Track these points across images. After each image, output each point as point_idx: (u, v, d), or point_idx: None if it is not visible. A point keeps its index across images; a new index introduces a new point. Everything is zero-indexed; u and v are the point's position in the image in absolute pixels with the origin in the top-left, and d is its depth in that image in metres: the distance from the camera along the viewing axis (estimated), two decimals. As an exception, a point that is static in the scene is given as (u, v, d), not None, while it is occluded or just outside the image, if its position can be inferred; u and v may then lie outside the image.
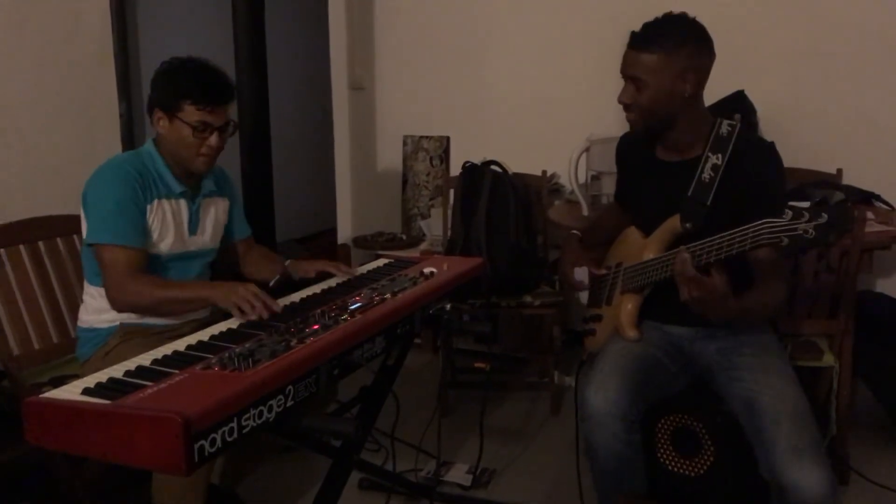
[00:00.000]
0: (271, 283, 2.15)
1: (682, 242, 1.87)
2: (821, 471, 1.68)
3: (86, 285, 2.17)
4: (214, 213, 2.25)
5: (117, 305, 2.01)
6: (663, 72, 1.88)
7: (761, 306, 1.92)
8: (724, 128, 1.96)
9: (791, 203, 1.61)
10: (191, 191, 2.16)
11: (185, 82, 2.01)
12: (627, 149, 2.23)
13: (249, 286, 1.83)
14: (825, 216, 1.54)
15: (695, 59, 1.89)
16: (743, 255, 1.72)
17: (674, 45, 1.87)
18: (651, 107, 1.92)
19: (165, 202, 2.10)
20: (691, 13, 1.93)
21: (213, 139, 2.05)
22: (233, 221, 2.34)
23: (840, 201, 2.65)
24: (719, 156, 1.93)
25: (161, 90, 2.04)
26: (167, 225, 2.10)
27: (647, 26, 1.91)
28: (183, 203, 2.14)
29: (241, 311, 1.76)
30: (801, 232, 1.57)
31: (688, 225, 1.93)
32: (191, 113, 2.00)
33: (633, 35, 1.92)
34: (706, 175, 1.93)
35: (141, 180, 2.04)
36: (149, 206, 2.05)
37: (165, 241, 2.11)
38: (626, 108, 1.98)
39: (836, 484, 1.71)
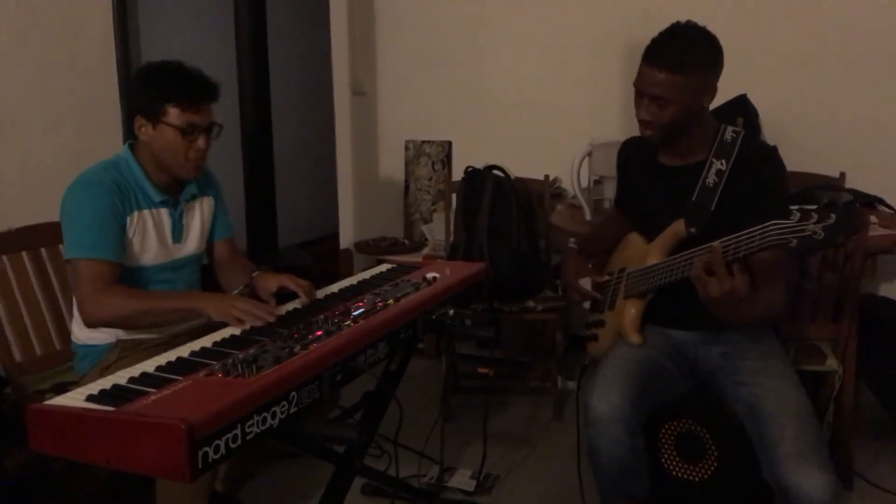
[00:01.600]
0: (235, 292, 2.05)
1: (686, 247, 1.87)
2: (824, 475, 1.67)
3: (74, 301, 2.12)
4: (200, 217, 2.20)
5: (91, 319, 1.92)
6: (688, 90, 1.85)
7: (764, 309, 1.92)
8: (729, 134, 1.96)
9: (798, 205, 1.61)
10: (171, 198, 2.10)
11: (167, 85, 1.95)
12: (630, 153, 2.23)
13: (246, 300, 1.81)
14: (834, 217, 1.54)
15: (714, 75, 1.90)
16: (745, 258, 1.71)
17: (701, 66, 1.86)
18: (673, 123, 1.90)
19: (146, 213, 2.05)
20: (695, 17, 1.92)
21: (201, 141, 1.99)
22: (213, 221, 2.26)
23: (848, 202, 2.64)
24: (723, 161, 1.93)
25: (141, 96, 1.98)
26: (149, 236, 2.06)
27: (668, 45, 1.84)
28: (164, 212, 2.09)
29: (241, 322, 1.74)
30: (809, 233, 1.56)
31: (692, 230, 1.93)
32: (176, 116, 1.95)
33: (657, 53, 1.85)
34: (710, 180, 1.93)
35: (119, 192, 1.98)
36: (128, 219, 2.00)
37: (148, 253, 2.06)
38: (646, 124, 1.93)
39: (839, 488, 1.71)
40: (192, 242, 2.18)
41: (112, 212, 1.96)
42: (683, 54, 1.83)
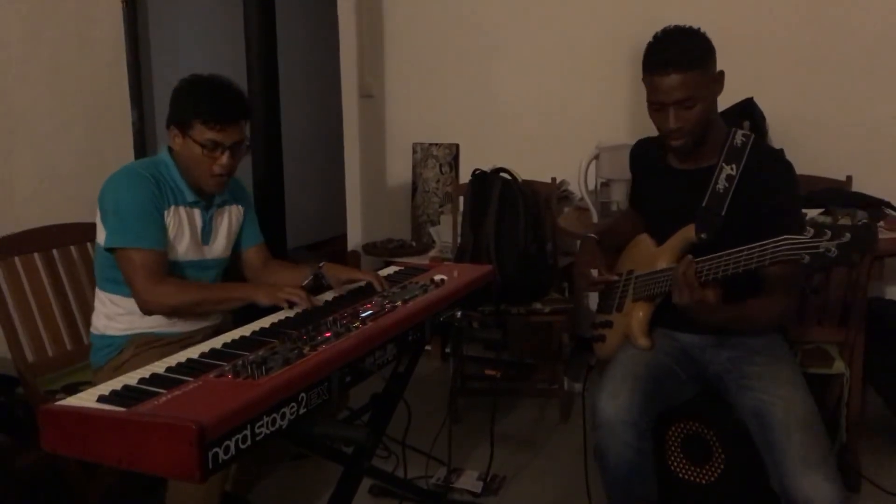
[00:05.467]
0: (304, 283, 2.12)
1: (696, 252, 1.87)
2: (830, 484, 1.67)
3: (97, 292, 2.17)
4: (228, 222, 2.25)
5: (149, 307, 2.02)
6: (705, 82, 1.87)
7: (760, 316, 1.92)
8: (739, 138, 1.96)
9: (812, 220, 1.61)
10: (204, 201, 2.16)
11: (196, 100, 2.00)
12: (641, 154, 2.23)
13: (291, 286, 1.93)
14: (848, 235, 1.53)
15: (715, 61, 1.91)
16: (756, 270, 1.72)
17: (705, 56, 1.87)
18: (701, 122, 1.90)
19: (182, 209, 2.11)
20: (702, 22, 1.93)
21: (224, 159, 2.04)
22: (243, 228, 2.33)
23: (864, 220, 2.63)
24: (734, 166, 1.93)
25: (175, 107, 2.05)
26: (182, 231, 2.11)
27: (669, 49, 1.86)
28: (197, 212, 2.15)
29: (290, 304, 1.87)
30: (823, 250, 1.55)
31: (703, 235, 1.93)
32: (201, 132, 2.00)
33: (663, 60, 1.85)
34: (721, 185, 1.93)
35: (157, 185, 2.05)
36: (165, 212, 2.07)
37: (181, 248, 2.12)
38: (677, 133, 1.92)
39: (846, 496, 1.70)
40: (219, 246, 2.23)
41: (153, 202, 2.03)
42: (686, 51, 1.85)
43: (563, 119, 3.72)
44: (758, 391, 1.87)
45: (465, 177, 3.55)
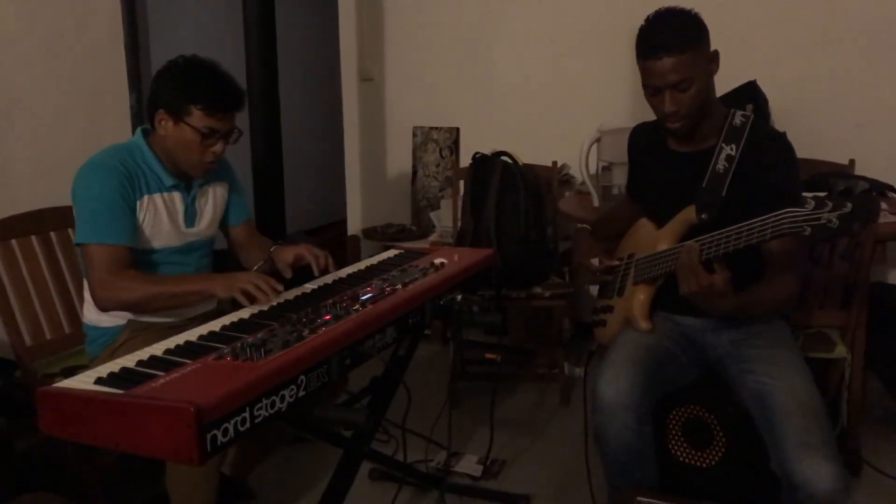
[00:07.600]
0: (255, 269, 2.07)
1: (696, 233, 1.86)
2: (831, 466, 1.67)
3: (84, 283, 2.12)
4: (213, 201, 2.20)
5: (103, 304, 1.94)
6: (699, 63, 1.85)
7: (768, 300, 1.91)
8: (738, 118, 1.95)
9: (814, 194, 1.60)
10: (184, 182, 2.10)
11: (197, 86, 1.94)
12: (640, 139, 2.22)
13: (249, 274, 1.83)
14: (849, 205, 1.53)
15: (708, 41, 1.89)
16: (758, 245, 1.71)
17: (697, 37, 1.86)
18: (696, 104, 1.89)
19: (157, 196, 2.05)
20: (703, 4, 1.92)
21: (219, 146, 2.00)
22: (228, 206, 2.27)
23: (864, 191, 2.62)
24: (733, 146, 1.92)
25: (168, 90, 1.97)
26: (160, 219, 2.05)
27: (661, 32, 1.85)
28: (177, 195, 2.09)
29: (249, 298, 1.76)
30: (824, 221, 1.55)
31: (703, 216, 1.92)
32: (199, 118, 1.94)
33: (656, 44, 1.84)
34: (720, 166, 1.92)
35: (129, 175, 1.98)
36: (138, 203, 2.00)
37: (160, 237, 2.06)
38: (673, 116, 1.91)
39: (847, 479, 1.70)
40: (205, 226, 2.18)
41: (121, 195, 1.96)
42: (678, 33, 1.84)
43: (564, 102, 3.70)
44: (759, 374, 1.86)
45: (465, 160, 3.54)
